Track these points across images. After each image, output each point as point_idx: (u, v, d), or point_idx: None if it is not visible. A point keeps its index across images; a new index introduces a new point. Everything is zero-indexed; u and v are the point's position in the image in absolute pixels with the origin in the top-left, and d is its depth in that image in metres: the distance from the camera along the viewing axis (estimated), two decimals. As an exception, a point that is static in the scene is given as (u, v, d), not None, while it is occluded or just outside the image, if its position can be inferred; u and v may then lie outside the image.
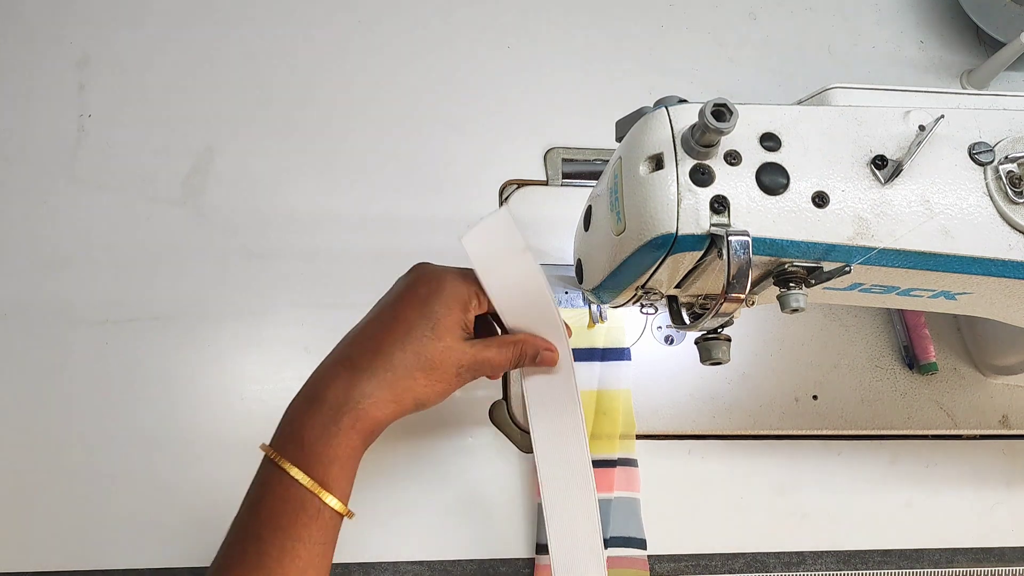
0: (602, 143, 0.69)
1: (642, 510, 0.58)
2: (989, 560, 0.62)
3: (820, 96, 0.47)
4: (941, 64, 0.78)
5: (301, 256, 0.63)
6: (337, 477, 0.45)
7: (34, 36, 0.67)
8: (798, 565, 0.60)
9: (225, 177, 0.65)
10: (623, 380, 0.61)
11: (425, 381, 0.47)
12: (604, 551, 0.51)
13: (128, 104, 0.66)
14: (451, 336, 0.47)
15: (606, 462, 0.59)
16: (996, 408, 0.65)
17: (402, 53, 0.71)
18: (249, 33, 0.70)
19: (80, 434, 0.57)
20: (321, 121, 0.68)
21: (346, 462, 0.46)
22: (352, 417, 0.45)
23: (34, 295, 0.60)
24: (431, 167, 0.67)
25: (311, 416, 0.46)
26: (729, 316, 0.45)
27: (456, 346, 0.48)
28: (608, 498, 0.58)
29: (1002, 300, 0.48)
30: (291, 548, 0.44)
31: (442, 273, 0.49)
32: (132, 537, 0.55)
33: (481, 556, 0.57)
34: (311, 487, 0.44)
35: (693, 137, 0.40)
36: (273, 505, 0.45)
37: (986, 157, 0.43)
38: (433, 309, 0.47)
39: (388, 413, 0.47)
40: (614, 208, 0.44)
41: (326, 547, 0.46)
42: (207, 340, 0.60)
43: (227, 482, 0.56)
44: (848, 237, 0.42)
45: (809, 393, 0.64)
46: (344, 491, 0.46)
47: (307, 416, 0.46)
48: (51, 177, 0.63)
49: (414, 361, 0.47)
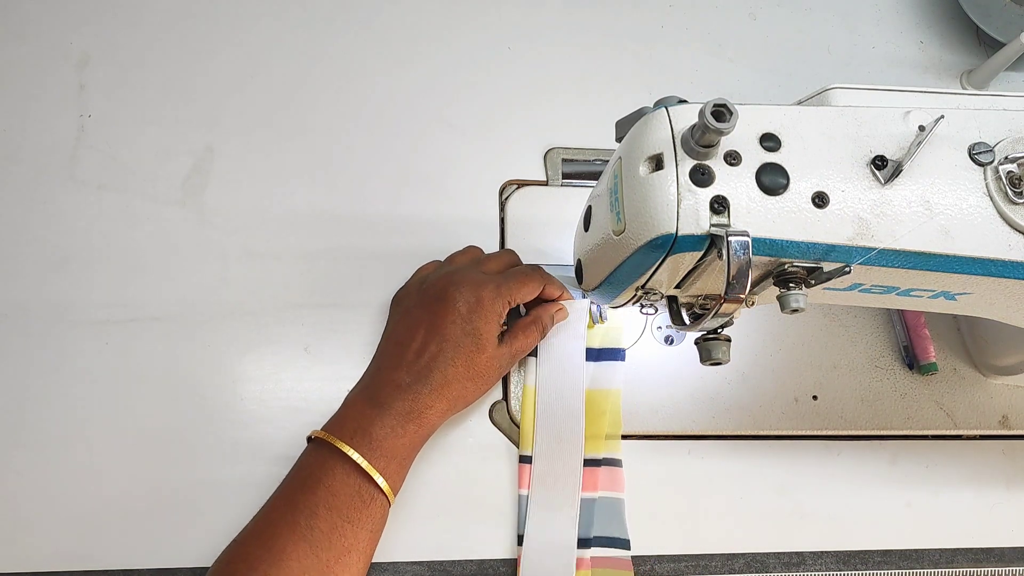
0: (602, 143, 0.69)
1: (626, 510, 0.58)
2: (989, 560, 0.62)
3: (820, 96, 0.47)
4: (941, 64, 0.78)
5: (301, 256, 0.63)
6: (395, 472, 0.51)
7: (34, 36, 0.67)
8: (798, 565, 0.60)
9: (225, 177, 0.65)
10: (615, 380, 0.61)
11: (474, 387, 0.55)
12: (576, 544, 0.56)
13: (128, 104, 0.66)
14: (492, 345, 0.54)
15: (591, 461, 0.59)
16: (996, 408, 0.65)
17: (402, 53, 0.71)
18: (249, 33, 0.70)
19: (80, 434, 0.57)
20: (321, 121, 0.67)
21: (404, 460, 0.52)
22: (417, 423, 0.52)
23: (34, 295, 0.60)
24: (431, 167, 0.67)
25: (380, 418, 0.52)
26: (729, 316, 0.45)
27: (496, 353, 0.55)
28: (592, 497, 0.58)
29: (1002, 300, 0.48)
30: (340, 527, 0.49)
31: (479, 288, 0.55)
32: (132, 537, 0.55)
33: (481, 556, 0.57)
34: (372, 474, 0.50)
35: (693, 137, 0.40)
36: (331, 485, 0.49)
37: (986, 157, 0.43)
38: (476, 326, 0.54)
39: (444, 417, 0.54)
40: (614, 208, 0.44)
41: (373, 534, 0.51)
42: (207, 340, 0.60)
43: (227, 482, 0.56)
44: (848, 237, 0.42)
45: (809, 393, 0.64)
46: (397, 485, 0.52)
47: (376, 418, 0.52)
48: (51, 177, 0.63)
49: (464, 373, 0.54)
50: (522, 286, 0.57)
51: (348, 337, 0.61)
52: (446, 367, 0.53)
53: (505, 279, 0.56)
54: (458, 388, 0.54)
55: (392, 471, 0.51)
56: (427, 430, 0.53)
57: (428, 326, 0.54)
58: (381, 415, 0.52)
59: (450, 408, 0.54)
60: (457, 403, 0.54)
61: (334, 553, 0.48)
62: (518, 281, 0.57)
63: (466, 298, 0.54)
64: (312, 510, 0.49)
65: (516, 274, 0.57)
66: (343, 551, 0.48)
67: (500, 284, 0.55)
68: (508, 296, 0.55)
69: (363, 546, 0.50)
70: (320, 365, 0.60)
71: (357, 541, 0.49)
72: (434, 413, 0.53)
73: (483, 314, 0.54)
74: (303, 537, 0.48)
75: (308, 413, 0.59)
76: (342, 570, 0.48)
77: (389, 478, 0.50)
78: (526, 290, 0.57)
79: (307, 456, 0.52)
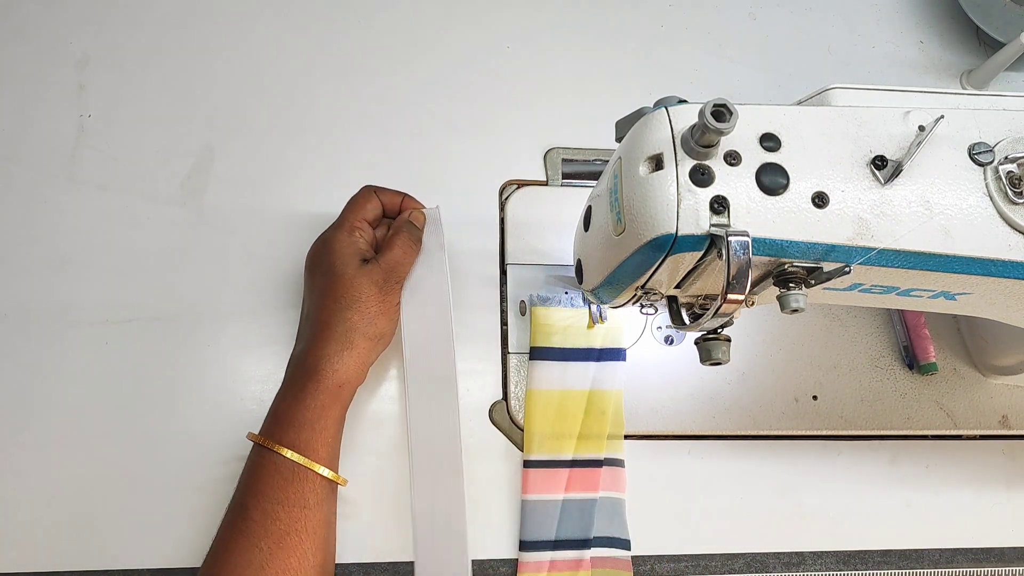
0: (602, 143, 0.69)
1: (627, 511, 0.59)
2: (989, 560, 0.62)
3: (820, 96, 0.47)
4: (941, 64, 0.78)
5: (301, 256, 0.63)
6: (311, 439, 0.49)
7: (34, 36, 0.67)
8: (798, 565, 0.60)
9: (225, 177, 0.65)
10: (616, 381, 0.61)
11: (356, 315, 0.51)
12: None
13: (128, 104, 0.66)
14: (350, 268, 0.52)
15: (593, 462, 0.59)
16: (996, 408, 0.65)
17: (402, 53, 0.71)
18: (249, 33, 0.70)
19: (80, 434, 0.57)
20: (321, 121, 0.68)
21: (318, 423, 0.50)
22: (315, 381, 0.50)
23: (34, 295, 0.60)
24: (431, 167, 0.67)
25: (282, 394, 0.51)
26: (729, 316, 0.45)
27: (359, 272, 0.52)
28: (593, 498, 0.58)
29: (1002, 300, 0.48)
30: (272, 511, 0.47)
31: (322, 239, 0.55)
32: (132, 537, 0.55)
33: (481, 556, 0.57)
34: (279, 449, 0.48)
35: (693, 137, 0.40)
36: (254, 471, 0.49)
37: (986, 157, 0.43)
38: (329, 263, 0.53)
39: (348, 364, 0.51)
40: (614, 208, 0.44)
41: (313, 511, 0.49)
42: (207, 340, 0.60)
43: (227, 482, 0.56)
44: (848, 237, 0.42)
45: (809, 393, 0.64)
46: (322, 453, 0.49)
47: (280, 395, 0.51)
48: (51, 177, 0.63)
49: (336, 306, 0.51)
50: (350, 206, 0.56)
51: (348, 337, 0.61)
52: (318, 312, 0.52)
53: (342, 211, 0.57)
54: (339, 324, 0.51)
55: (305, 440, 0.49)
56: (331, 384, 0.50)
57: (305, 295, 0.56)
58: (283, 388, 0.52)
59: (347, 348, 0.51)
60: (352, 340, 0.51)
61: (273, 539, 0.47)
62: (346, 205, 0.57)
63: (318, 249, 0.55)
64: (242, 501, 0.49)
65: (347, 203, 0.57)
66: (281, 534, 0.47)
67: (337, 222, 0.56)
68: (343, 224, 0.55)
69: (304, 525, 0.48)
70: (320, 365, 0.60)
71: (294, 521, 0.48)
72: (330, 363, 0.50)
73: (330, 250, 0.53)
74: (240, 530, 0.48)
75: (308, 413, 0.58)
76: (286, 554, 0.47)
77: (301, 448, 0.49)
78: (352, 206, 0.56)
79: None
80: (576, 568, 0.56)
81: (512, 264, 0.64)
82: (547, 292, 0.63)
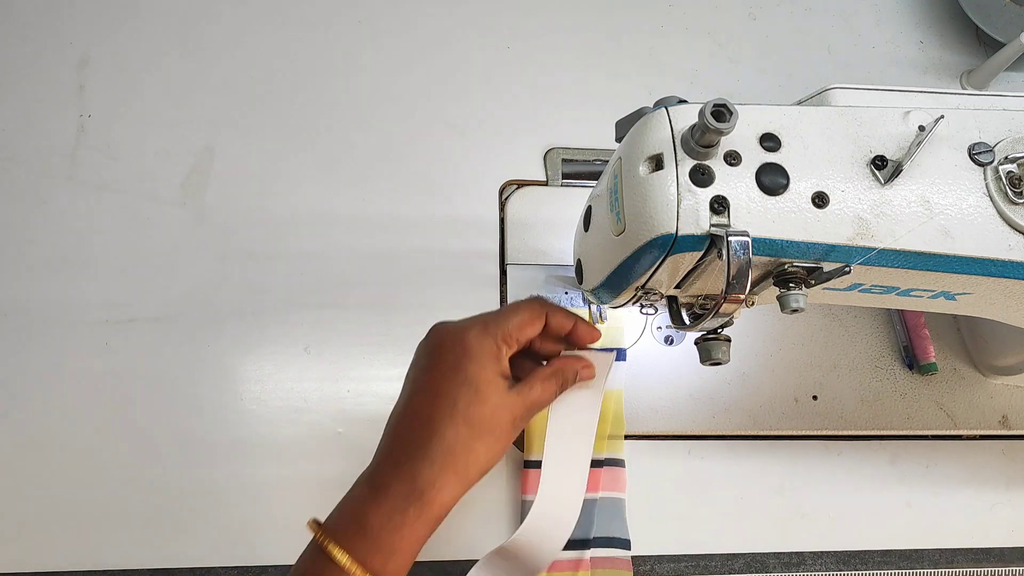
0: (602, 143, 0.69)
1: (627, 510, 0.59)
2: (989, 560, 0.62)
3: (820, 96, 0.47)
4: (941, 64, 0.78)
5: (301, 256, 0.63)
6: (397, 569, 0.43)
7: (34, 36, 0.67)
8: (798, 565, 0.60)
9: (225, 177, 0.65)
10: (617, 381, 0.61)
11: (484, 448, 0.45)
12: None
13: (128, 104, 0.66)
14: (495, 393, 0.46)
15: (593, 462, 0.58)
16: (996, 408, 0.65)
17: (402, 53, 0.71)
18: (249, 33, 0.70)
19: (80, 434, 0.57)
20: (321, 121, 0.68)
21: (407, 555, 0.44)
22: (418, 507, 0.44)
23: (34, 295, 0.60)
24: (431, 167, 0.67)
25: (377, 503, 0.44)
26: (729, 316, 0.45)
27: (503, 401, 0.46)
28: (593, 498, 0.58)
29: (1002, 300, 0.48)
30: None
31: (462, 332, 0.47)
32: (132, 537, 0.55)
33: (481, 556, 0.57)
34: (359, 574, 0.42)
35: (693, 137, 0.40)
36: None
37: (986, 157, 0.43)
38: (468, 374, 0.45)
39: (455, 495, 0.45)
40: (614, 208, 0.44)
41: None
42: (207, 340, 0.60)
43: (227, 482, 0.56)
44: (848, 237, 0.42)
45: (809, 393, 0.64)
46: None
47: (373, 503, 0.44)
48: (51, 177, 0.63)
49: (468, 432, 0.45)
50: (513, 315, 0.48)
51: (348, 337, 0.61)
52: (444, 429, 0.44)
53: (494, 314, 0.48)
54: (464, 454, 0.45)
55: (392, 569, 0.43)
56: (434, 514, 0.44)
57: (420, 388, 0.47)
58: (378, 501, 0.44)
59: (460, 481, 0.45)
60: (469, 472, 0.45)
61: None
62: (508, 311, 0.48)
63: (451, 346, 0.46)
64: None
65: (508, 306, 0.50)
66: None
67: (487, 321, 0.48)
68: (498, 331, 0.47)
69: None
70: (320, 365, 0.60)
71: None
72: (440, 492, 0.44)
73: (474, 359, 0.46)
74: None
75: (308, 413, 0.59)
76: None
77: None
78: (518, 320, 0.48)
79: (305, 552, 0.45)
80: (576, 568, 0.56)
81: (512, 264, 0.64)
82: (547, 292, 0.63)
